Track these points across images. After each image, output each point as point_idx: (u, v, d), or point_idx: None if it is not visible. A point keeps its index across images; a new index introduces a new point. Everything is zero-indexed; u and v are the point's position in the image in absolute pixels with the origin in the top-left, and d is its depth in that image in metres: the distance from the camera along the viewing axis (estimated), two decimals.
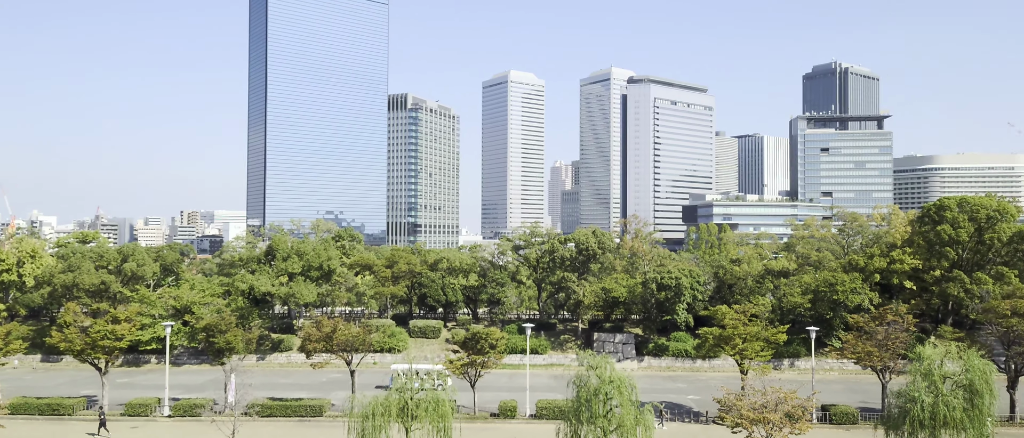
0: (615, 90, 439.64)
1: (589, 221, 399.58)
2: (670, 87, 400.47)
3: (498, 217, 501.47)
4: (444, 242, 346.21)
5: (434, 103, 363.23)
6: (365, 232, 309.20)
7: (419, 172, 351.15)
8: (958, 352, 38.80)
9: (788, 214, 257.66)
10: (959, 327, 75.30)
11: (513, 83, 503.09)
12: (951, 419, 36.04)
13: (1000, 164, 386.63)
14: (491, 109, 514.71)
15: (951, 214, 76.30)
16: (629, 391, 36.55)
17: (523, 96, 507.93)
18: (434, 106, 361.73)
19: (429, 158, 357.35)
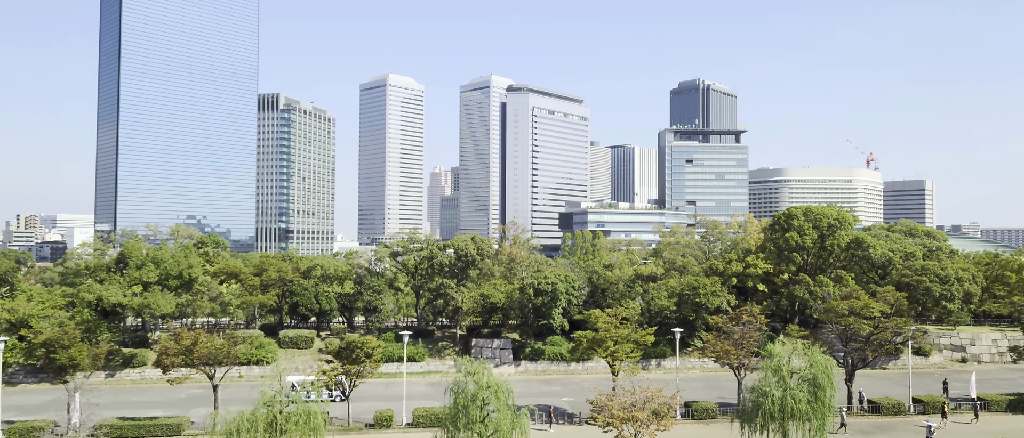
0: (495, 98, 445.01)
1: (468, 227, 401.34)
2: (548, 97, 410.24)
3: (376, 223, 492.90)
4: (318, 248, 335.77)
5: (308, 104, 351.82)
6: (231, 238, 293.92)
7: (292, 176, 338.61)
8: (804, 349, 42.26)
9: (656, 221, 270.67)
10: (804, 325, 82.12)
11: (392, 87, 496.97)
12: (797, 411, 39.15)
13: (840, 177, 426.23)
14: (369, 113, 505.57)
15: (798, 222, 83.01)
16: (506, 396, 37.02)
17: (402, 100, 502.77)
18: (308, 108, 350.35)
19: (303, 161, 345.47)
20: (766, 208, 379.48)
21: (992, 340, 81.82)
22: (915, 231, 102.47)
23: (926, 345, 79.66)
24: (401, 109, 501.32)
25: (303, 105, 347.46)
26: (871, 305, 58.68)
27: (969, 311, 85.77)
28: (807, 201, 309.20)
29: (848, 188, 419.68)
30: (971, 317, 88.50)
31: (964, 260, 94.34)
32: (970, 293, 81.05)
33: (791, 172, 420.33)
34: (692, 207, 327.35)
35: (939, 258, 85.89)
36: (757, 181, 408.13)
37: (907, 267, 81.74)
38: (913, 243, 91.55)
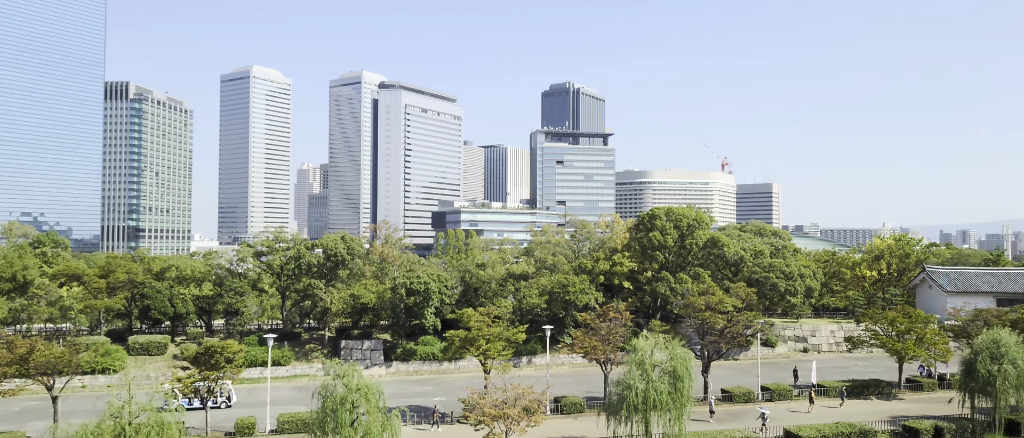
0: (366, 94, 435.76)
1: (338, 226, 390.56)
2: (421, 95, 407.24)
3: (238, 221, 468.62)
4: (174, 248, 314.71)
5: (162, 94, 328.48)
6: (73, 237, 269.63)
7: (143, 170, 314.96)
8: (665, 343, 44.37)
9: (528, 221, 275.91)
10: (666, 320, 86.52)
11: (256, 79, 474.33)
12: (659, 402, 41.07)
13: (698, 180, 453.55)
14: (231, 105, 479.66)
15: (660, 222, 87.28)
16: (377, 398, 36.21)
17: (267, 93, 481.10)
18: (162, 98, 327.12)
19: (156, 155, 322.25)
20: (631, 208, 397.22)
21: (830, 331, 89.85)
22: (764, 231, 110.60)
23: (773, 337, 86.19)
24: (266, 102, 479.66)
25: (156, 95, 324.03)
26: (725, 300, 62.67)
27: (810, 305, 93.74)
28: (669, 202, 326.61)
29: (705, 190, 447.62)
30: (812, 310, 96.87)
31: (806, 258, 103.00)
32: (811, 288, 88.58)
33: (654, 174, 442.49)
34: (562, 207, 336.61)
35: (784, 256, 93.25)
36: (623, 183, 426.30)
37: (756, 264, 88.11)
38: (762, 242, 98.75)
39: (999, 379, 46.69)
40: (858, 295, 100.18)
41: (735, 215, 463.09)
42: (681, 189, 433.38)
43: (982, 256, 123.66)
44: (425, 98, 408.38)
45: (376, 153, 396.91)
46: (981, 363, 47.84)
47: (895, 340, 62.51)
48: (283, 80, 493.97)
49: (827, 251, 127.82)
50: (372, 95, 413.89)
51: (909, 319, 63.55)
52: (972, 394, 49.08)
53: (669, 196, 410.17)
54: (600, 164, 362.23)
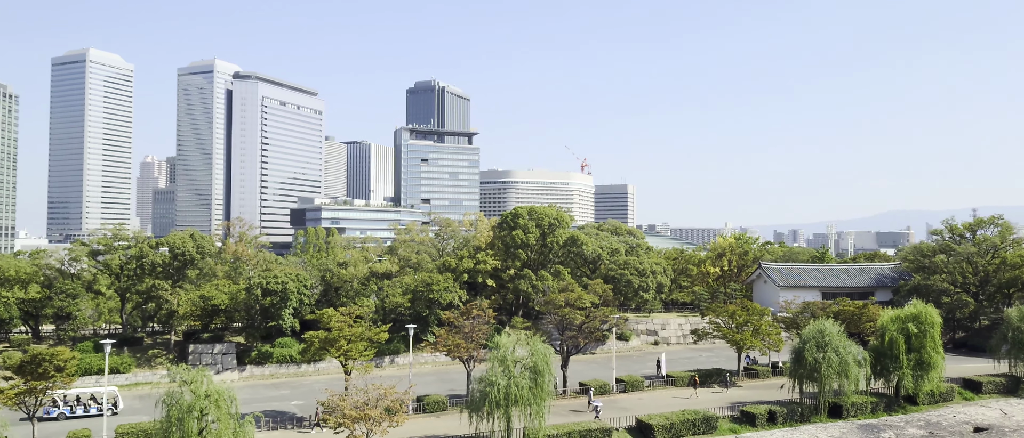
0: (219, 84, 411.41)
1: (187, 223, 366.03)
2: (280, 87, 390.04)
3: (71, 218, 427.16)
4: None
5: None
6: None
7: None
8: (526, 339, 45.31)
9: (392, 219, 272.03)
10: (528, 317, 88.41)
11: (93, 63, 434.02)
12: (520, 397, 41.87)
13: (559, 180, 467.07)
14: (64, 91, 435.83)
15: (523, 221, 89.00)
16: (228, 404, 34.31)
17: (106, 79, 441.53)
18: None
19: None
20: (495, 207, 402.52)
21: (678, 324, 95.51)
22: (619, 230, 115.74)
23: (627, 331, 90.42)
24: (105, 89, 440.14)
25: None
26: (583, 296, 64.94)
27: (661, 300, 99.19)
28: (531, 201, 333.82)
29: (566, 190, 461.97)
30: (662, 305, 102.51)
31: (657, 256, 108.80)
32: (662, 284, 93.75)
33: (518, 174, 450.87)
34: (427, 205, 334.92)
35: (638, 254, 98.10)
36: (487, 182, 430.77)
37: (613, 262, 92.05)
38: (618, 241, 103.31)
39: (824, 366, 51.60)
40: (703, 290, 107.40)
41: (594, 215, 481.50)
42: (543, 189, 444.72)
43: (810, 253, 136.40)
44: (284, 91, 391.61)
45: (230, 147, 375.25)
46: (808, 351, 52.68)
47: (735, 332, 67.45)
48: (124, 66, 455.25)
49: (676, 249, 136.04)
50: (226, 85, 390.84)
51: (747, 312, 68.80)
52: (800, 380, 53.92)
53: (532, 195, 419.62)
54: (465, 163, 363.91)
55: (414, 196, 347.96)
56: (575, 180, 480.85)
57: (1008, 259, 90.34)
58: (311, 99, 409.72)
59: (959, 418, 9.98)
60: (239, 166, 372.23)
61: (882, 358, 56.25)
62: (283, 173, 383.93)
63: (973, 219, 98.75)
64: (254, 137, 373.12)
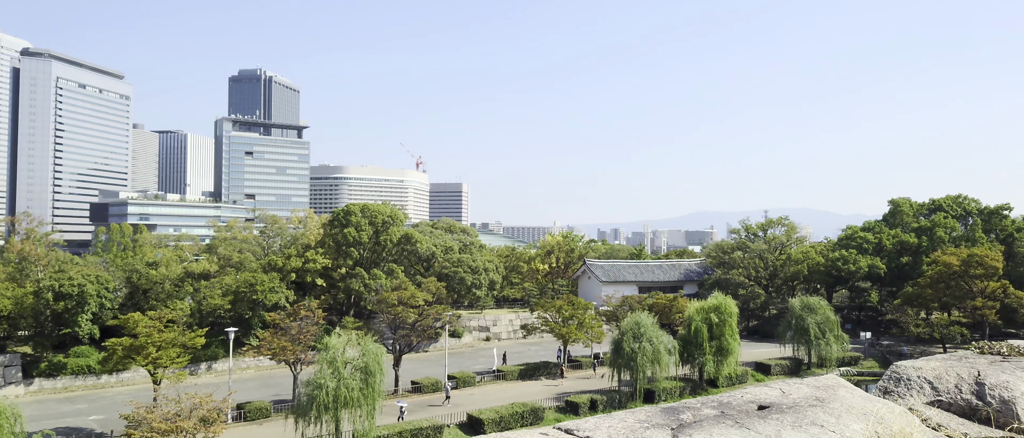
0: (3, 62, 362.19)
1: None
2: (79, 68, 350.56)
3: None
4: None
5: None
6: None
7: None
8: (358, 339, 44.33)
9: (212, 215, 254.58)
10: (360, 317, 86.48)
11: None
12: (350, 399, 40.87)
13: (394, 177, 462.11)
14: None
15: (356, 218, 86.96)
16: (11, 422, 30.41)
17: None
18: None
19: None
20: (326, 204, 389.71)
21: (509, 320, 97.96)
22: (453, 228, 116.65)
23: (460, 328, 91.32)
24: None
25: None
26: (417, 295, 64.69)
27: (493, 297, 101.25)
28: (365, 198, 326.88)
29: (401, 187, 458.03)
30: (494, 301, 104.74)
31: (490, 253, 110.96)
32: (494, 281, 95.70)
33: (351, 170, 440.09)
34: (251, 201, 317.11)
35: (472, 252, 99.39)
36: (318, 177, 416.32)
37: (447, 260, 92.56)
38: (452, 238, 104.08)
39: (639, 355, 55.35)
40: (533, 286, 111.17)
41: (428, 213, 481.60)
42: (377, 186, 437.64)
43: (629, 251, 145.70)
44: (85, 72, 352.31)
45: (15, 132, 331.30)
46: (626, 342, 56.25)
47: (561, 325, 70.43)
48: None
49: (508, 247, 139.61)
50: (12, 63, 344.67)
51: (573, 306, 72.13)
52: (619, 369, 57.48)
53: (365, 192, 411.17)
54: (294, 157, 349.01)
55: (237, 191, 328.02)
56: (410, 177, 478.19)
57: (792, 255, 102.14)
58: (116, 82, 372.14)
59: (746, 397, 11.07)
60: (27, 155, 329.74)
61: (689, 346, 61.42)
62: (81, 163, 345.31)
63: (765, 220, 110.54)
64: (46, 123, 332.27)
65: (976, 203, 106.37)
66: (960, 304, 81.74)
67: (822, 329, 69.60)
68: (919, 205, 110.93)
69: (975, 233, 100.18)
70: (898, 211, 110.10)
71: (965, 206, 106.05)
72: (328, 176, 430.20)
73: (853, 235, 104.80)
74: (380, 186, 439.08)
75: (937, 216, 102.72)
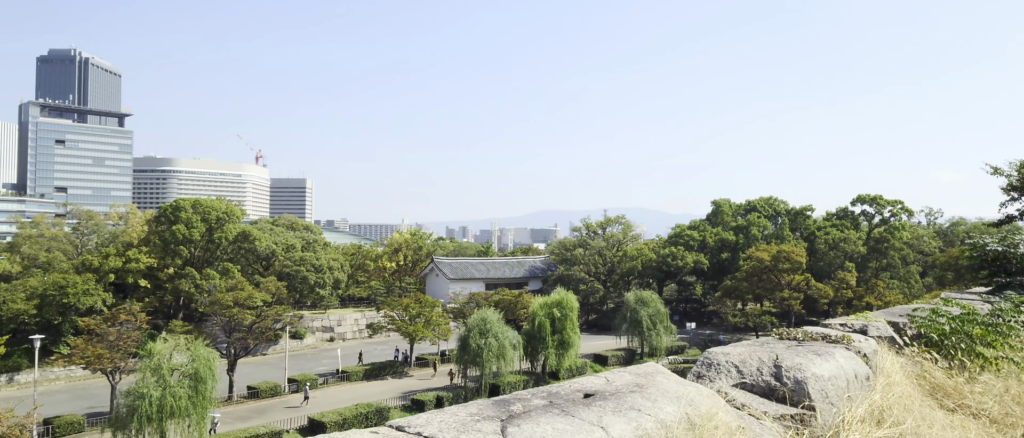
0: None
1: None
2: None
3: None
4: None
5: None
6: None
7: None
8: (186, 344, 41.38)
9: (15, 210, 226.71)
10: (190, 320, 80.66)
11: None
12: (177, 408, 38.07)
13: (231, 171, 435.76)
14: None
15: (186, 214, 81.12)
16: None
17: None
18: None
19: None
20: (153, 199, 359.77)
21: (355, 319, 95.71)
22: (296, 225, 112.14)
23: (302, 329, 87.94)
24: None
25: None
26: (255, 295, 61.48)
27: (338, 296, 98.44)
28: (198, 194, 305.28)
29: (238, 182, 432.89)
30: (339, 301, 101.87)
31: (335, 251, 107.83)
32: (339, 280, 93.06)
33: (181, 163, 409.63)
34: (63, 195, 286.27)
35: (315, 250, 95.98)
36: (144, 170, 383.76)
37: (288, 258, 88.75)
38: (294, 236, 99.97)
39: (485, 351, 56.17)
40: (380, 285, 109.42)
41: (269, 209, 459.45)
42: (212, 180, 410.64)
43: (477, 248, 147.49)
44: None
45: None
46: (472, 338, 56.87)
47: (408, 324, 69.90)
48: None
49: (354, 245, 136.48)
50: None
51: (420, 304, 71.83)
52: (465, 365, 58.00)
53: (198, 187, 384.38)
54: (114, 147, 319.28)
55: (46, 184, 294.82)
56: (249, 172, 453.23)
57: (628, 252, 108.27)
58: None
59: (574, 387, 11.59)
60: None
61: (533, 340, 63.25)
62: None
63: (604, 219, 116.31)
64: None
65: (784, 204, 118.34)
66: (771, 295, 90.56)
67: (653, 321, 74.37)
68: (737, 206, 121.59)
69: (784, 231, 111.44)
70: (720, 211, 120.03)
71: (775, 207, 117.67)
72: (155, 169, 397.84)
73: (681, 233, 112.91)
74: (215, 181, 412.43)
75: (752, 216, 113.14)
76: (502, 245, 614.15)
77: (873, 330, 8.19)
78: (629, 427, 4.57)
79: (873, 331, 8.16)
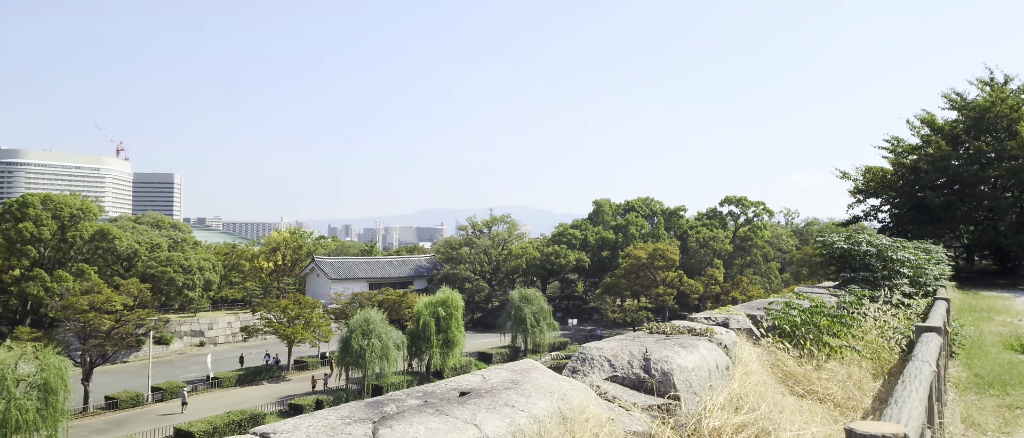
0: None
1: None
2: None
3: None
4: None
5: None
6: None
7: None
8: (34, 352, 37.93)
9: None
10: (39, 326, 73.81)
11: None
12: (24, 422, 34.86)
13: (87, 164, 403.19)
14: None
15: (35, 211, 74.33)
16: None
17: None
18: None
19: None
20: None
21: (228, 322, 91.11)
22: (162, 223, 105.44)
23: (168, 334, 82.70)
24: None
25: None
26: (114, 298, 57.21)
27: (209, 298, 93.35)
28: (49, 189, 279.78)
29: (96, 177, 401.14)
30: (211, 303, 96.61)
31: (206, 251, 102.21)
32: (210, 281, 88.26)
33: (30, 155, 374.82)
34: None
35: (184, 249, 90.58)
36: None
37: (153, 258, 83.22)
38: (160, 235, 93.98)
39: (368, 352, 55.13)
40: (256, 286, 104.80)
41: (132, 206, 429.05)
42: (66, 174, 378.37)
43: (360, 247, 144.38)
44: None
45: None
46: (355, 339, 55.66)
47: (286, 326, 67.42)
48: None
49: (228, 244, 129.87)
50: None
51: (299, 305, 69.45)
52: (347, 367, 56.68)
53: (50, 181, 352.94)
54: None
55: None
56: (108, 165, 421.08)
57: (513, 250, 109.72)
58: None
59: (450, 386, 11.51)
60: None
61: (417, 340, 62.75)
62: None
63: (490, 218, 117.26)
64: None
65: (660, 204, 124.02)
66: (647, 291, 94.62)
67: (537, 318, 75.77)
68: (617, 205, 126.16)
69: (659, 230, 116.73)
70: (601, 211, 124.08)
71: (652, 207, 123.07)
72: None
73: (564, 232, 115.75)
74: (70, 175, 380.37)
75: (631, 215, 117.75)
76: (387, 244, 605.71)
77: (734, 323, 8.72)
78: (503, 424, 4.60)
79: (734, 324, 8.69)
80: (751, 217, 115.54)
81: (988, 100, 39.65)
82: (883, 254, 16.91)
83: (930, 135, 42.99)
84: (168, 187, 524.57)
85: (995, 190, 39.87)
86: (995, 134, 39.53)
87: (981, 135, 39.79)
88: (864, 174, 45.77)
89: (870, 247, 17.19)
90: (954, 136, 41.04)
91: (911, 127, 44.55)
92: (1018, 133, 37.34)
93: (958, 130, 40.97)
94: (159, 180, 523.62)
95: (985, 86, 41.71)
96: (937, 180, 41.19)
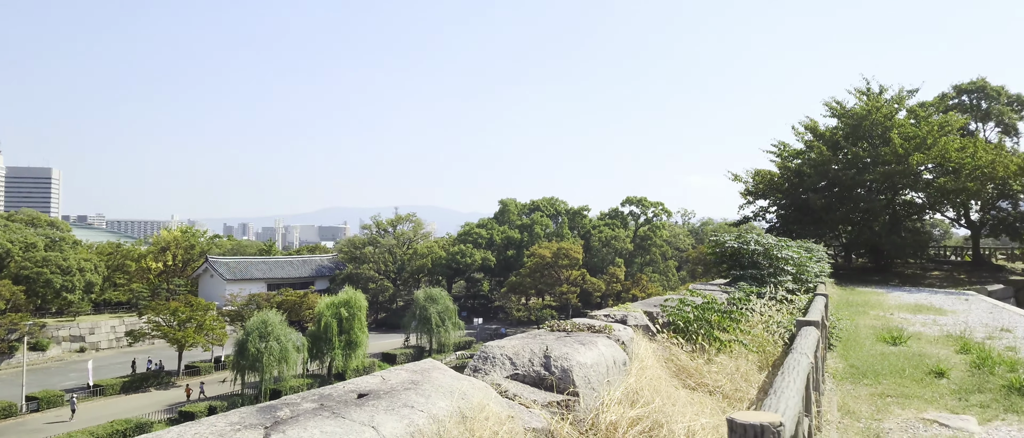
0: None
1: None
2: None
3: None
4: None
5: None
6: None
7: None
8: None
9: None
10: None
11: None
12: None
13: None
14: None
15: None
16: None
17: None
18: None
19: None
20: None
21: (111, 327, 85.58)
22: (38, 221, 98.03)
23: (44, 339, 76.81)
24: None
25: None
26: None
27: (91, 301, 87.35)
28: None
29: None
30: (92, 306, 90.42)
31: (87, 250, 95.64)
32: (92, 283, 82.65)
33: None
34: None
35: (62, 249, 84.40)
36: None
37: (27, 259, 77.13)
38: (35, 233, 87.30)
39: (266, 355, 53.20)
40: (143, 287, 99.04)
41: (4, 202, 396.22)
42: None
43: (258, 247, 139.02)
44: None
45: None
46: (251, 342, 53.57)
47: (176, 329, 64.09)
48: None
49: (112, 243, 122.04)
50: None
51: (191, 308, 66.15)
52: (243, 371, 54.46)
53: None
54: None
55: None
56: None
57: (419, 249, 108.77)
58: None
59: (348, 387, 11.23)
60: None
61: (318, 342, 61.13)
62: None
63: (395, 216, 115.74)
64: None
65: (565, 204, 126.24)
66: (552, 290, 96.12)
67: (442, 318, 75.42)
68: (523, 205, 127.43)
69: (564, 230, 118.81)
70: (506, 210, 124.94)
71: (557, 207, 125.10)
72: None
73: (470, 231, 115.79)
74: None
75: (536, 215, 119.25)
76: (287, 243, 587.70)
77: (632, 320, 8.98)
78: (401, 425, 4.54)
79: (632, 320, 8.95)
80: (651, 217, 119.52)
81: (865, 108, 42.75)
82: (769, 253, 17.90)
83: (813, 141, 45.90)
84: (45, 182, 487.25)
85: (870, 193, 43.02)
86: (871, 140, 42.66)
87: (858, 141, 42.85)
88: (754, 177, 48.35)
89: (758, 246, 18.15)
90: (834, 142, 44.00)
91: (796, 133, 47.42)
92: (891, 140, 40.44)
93: (838, 136, 43.95)
94: (34, 175, 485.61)
95: (862, 95, 44.96)
96: (819, 183, 44.03)
